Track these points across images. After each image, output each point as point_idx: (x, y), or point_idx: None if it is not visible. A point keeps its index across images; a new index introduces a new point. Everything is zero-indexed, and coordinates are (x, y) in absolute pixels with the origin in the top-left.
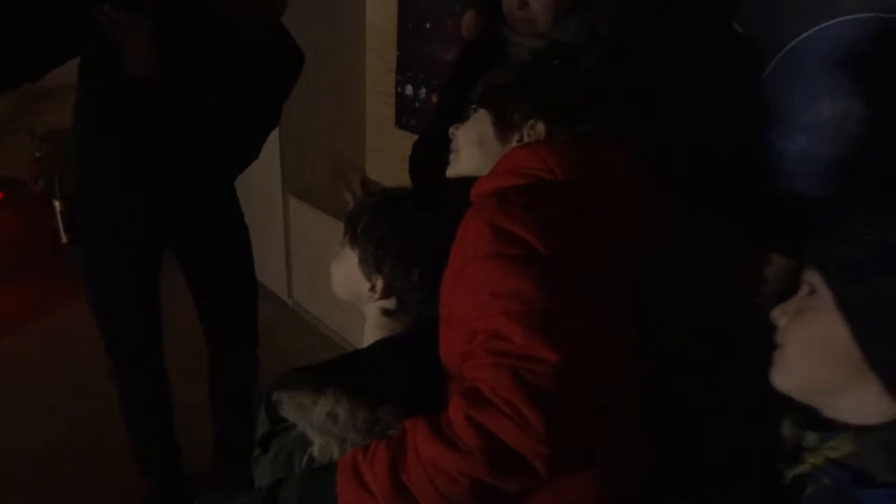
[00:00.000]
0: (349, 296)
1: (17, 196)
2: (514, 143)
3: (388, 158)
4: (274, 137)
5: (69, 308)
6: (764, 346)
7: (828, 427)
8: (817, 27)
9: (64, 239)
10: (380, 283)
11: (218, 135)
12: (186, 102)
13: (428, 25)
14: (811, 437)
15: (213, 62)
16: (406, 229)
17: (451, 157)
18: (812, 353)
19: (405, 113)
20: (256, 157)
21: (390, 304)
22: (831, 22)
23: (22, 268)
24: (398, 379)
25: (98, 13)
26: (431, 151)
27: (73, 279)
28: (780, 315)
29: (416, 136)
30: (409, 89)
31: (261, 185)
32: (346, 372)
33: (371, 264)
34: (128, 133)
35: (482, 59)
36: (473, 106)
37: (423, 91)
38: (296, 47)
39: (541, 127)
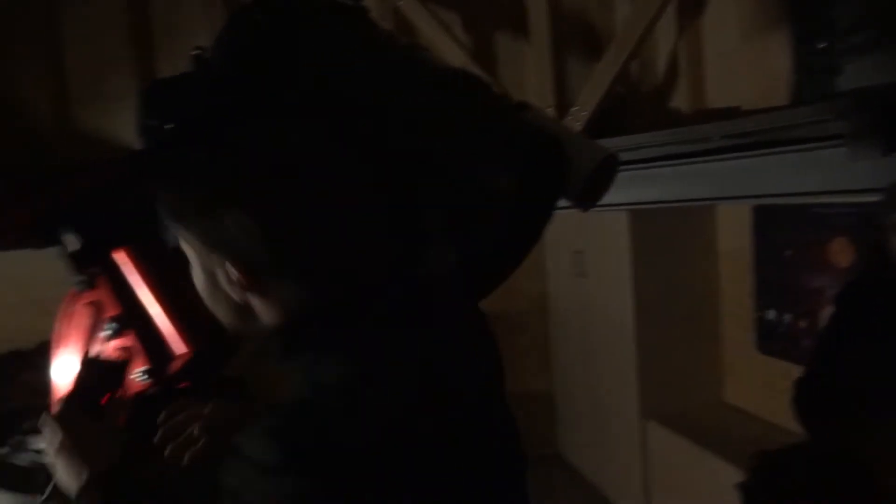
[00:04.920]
0: None
1: None
2: None
3: (748, 383)
4: (632, 360)
5: None
6: None
7: None
8: None
9: None
10: None
11: None
12: None
13: (788, 253)
14: None
15: None
16: None
17: None
18: None
19: (768, 338)
20: None
21: None
22: None
23: None
24: None
25: None
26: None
27: None
28: None
29: (781, 362)
30: (771, 314)
31: (618, 408)
32: None
33: None
34: None
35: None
36: None
37: (787, 316)
38: None
39: None
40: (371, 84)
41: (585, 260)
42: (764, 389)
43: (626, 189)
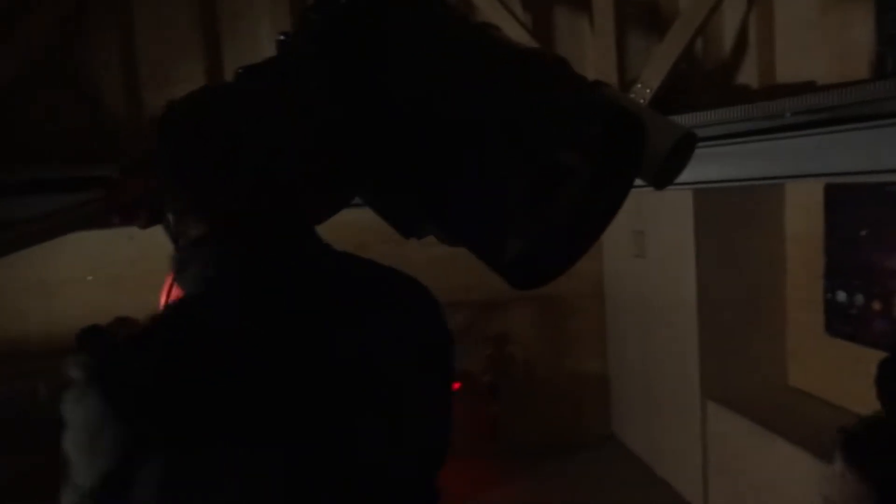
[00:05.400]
0: None
1: (469, 386)
2: None
3: (813, 366)
4: (694, 341)
5: (503, 490)
6: None
7: None
8: None
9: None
10: None
11: None
12: None
13: (863, 233)
14: None
15: None
16: None
17: None
18: None
19: (837, 320)
20: None
21: None
22: None
23: (465, 449)
24: None
25: None
26: None
27: (506, 463)
28: None
29: (849, 345)
30: (841, 296)
31: (676, 389)
32: None
33: None
34: None
35: None
36: None
37: (859, 297)
38: None
39: None
40: (448, 63)
41: (646, 240)
42: (831, 373)
43: (691, 168)
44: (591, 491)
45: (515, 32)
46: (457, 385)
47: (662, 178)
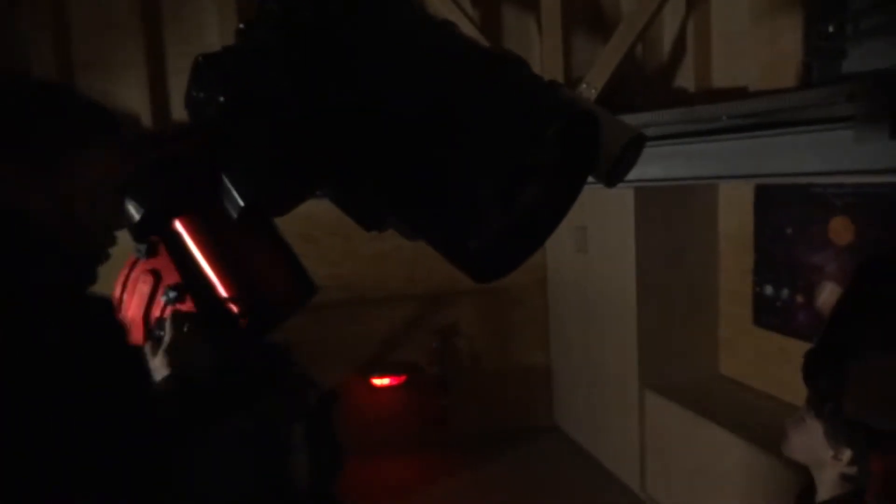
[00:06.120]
0: (806, 459)
1: (416, 378)
2: None
3: (743, 355)
4: (633, 333)
5: (451, 480)
6: None
7: None
8: None
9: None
10: (846, 456)
11: None
12: None
13: (789, 231)
14: None
15: None
16: None
17: None
18: None
19: (765, 312)
20: None
21: (852, 470)
22: None
23: (413, 440)
24: None
25: None
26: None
27: (453, 454)
28: None
29: (776, 336)
30: (768, 289)
31: (617, 380)
32: None
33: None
34: None
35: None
36: None
37: (784, 291)
38: None
39: None
40: (408, 59)
41: (588, 236)
42: (757, 362)
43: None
44: (535, 479)
45: (467, 30)
46: (402, 378)
47: (614, 175)
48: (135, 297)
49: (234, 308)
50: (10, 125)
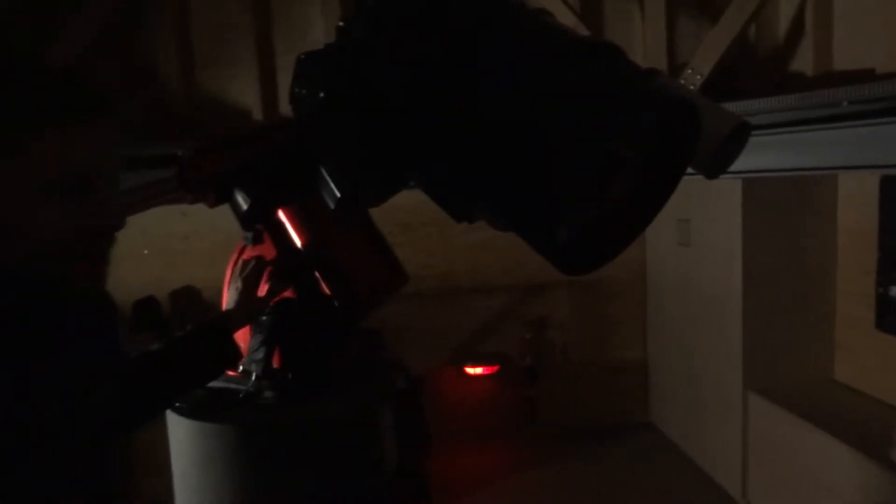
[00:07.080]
0: None
1: (508, 369)
2: None
3: (862, 361)
4: (738, 332)
5: (538, 472)
6: None
7: None
8: None
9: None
10: None
11: None
12: None
13: None
14: None
15: None
16: None
17: None
18: None
19: (890, 316)
20: None
21: None
22: None
23: (504, 430)
24: None
25: None
26: None
27: (544, 446)
28: None
29: None
30: (894, 291)
31: (719, 380)
32: None
33: None
34: None
35: None
36: None
37: None
38: None
39: None
40: (509, 55)
41: (691, 228)
42: (879, 368)
43: (740, 156)
44: (626, 476)
45: (566, 18)
46: (495, 368)
47: (715, 167)
48: (241, 281)
49: (331, 294)
50: None
